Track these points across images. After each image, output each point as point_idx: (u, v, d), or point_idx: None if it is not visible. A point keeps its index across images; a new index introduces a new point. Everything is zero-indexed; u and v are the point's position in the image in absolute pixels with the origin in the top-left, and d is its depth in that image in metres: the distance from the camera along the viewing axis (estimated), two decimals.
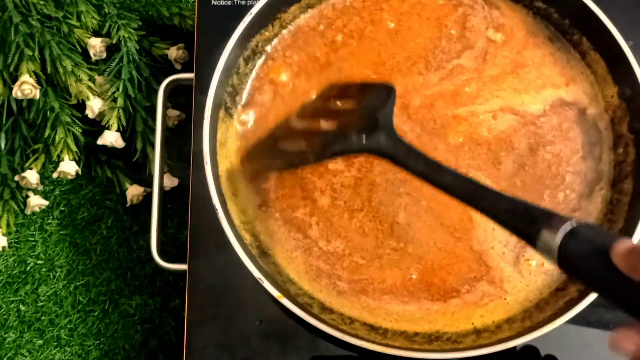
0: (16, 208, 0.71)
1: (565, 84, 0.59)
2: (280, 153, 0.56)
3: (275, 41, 0.60)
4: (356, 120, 0.51)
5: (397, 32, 0.60)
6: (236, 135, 0.58)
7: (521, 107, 0.58)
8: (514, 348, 0.50)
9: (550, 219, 0.37)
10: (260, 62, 0.60)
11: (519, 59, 0.59)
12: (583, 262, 0.36)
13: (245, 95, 0.59)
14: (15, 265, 0.72)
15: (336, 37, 0.60)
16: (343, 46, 0.60)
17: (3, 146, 0.70)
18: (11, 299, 0.71)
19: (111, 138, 0.67)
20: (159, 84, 0.62)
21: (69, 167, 0.68)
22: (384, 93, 0.53)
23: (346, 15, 0.60)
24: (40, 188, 0.73)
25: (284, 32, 0.60)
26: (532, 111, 0.58)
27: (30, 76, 0.65)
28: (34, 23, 0.67)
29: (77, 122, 0.69)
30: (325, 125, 0.54)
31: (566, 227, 0.36)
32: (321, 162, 0.56)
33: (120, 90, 0.68)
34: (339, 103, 0.56)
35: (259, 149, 0.57)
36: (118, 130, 0.68)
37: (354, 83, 0.58)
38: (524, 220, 0.39)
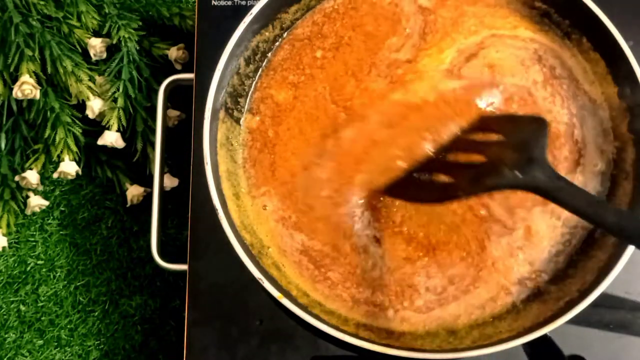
0: (16, 208, 0.71)
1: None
2: (426, 184, 0.53)
3: (278, 42, 0.60)
4: (507, 154, 0.48)
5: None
6: (241, 136, 0.58)
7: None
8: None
9: None
10: (261, 62, 0.60)
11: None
12: None
13: (248, 97, 0.59)
14: (15, 265, 0.72)
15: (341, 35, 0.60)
16: (344, 45, 0.60)
17: (3, 146, 0.70)
18: (11, 299, 0.71)
19: (111, 138, 0.67)
20: (159, 84, 0.62)
21: (69, 167, 0.68)
22: (534, 126, 0.50)
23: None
24: (40, 188, 0.73)
25: (285, 34, 0.60)
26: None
27: (30, 76, 0.65)
28: (34, 23, 0.67)
29: (77, 122, 0.69)
30: (474, 157, 0.51)
31: None
32: (469, 197, 0.54)
33: (120, 90, 0.68)
34: (485, 134, 0.53)
35: (405, 180, 0.55)
36: (118, 130, 0.68)
37: (503, 115, 0.56)
38: None
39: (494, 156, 0.50)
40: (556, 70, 0.59)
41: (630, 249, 0.51)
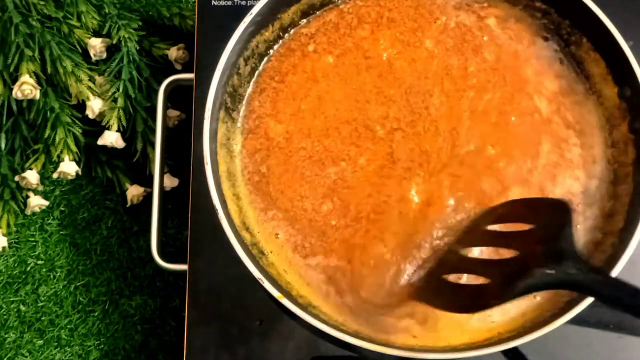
0: (16, 208, 0.71)
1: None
2: (455, 289, 0.50)
3: (280, 42, 0.60)
4: (535, 248, 0.45)
5: None
6: (240, 136, 0.58)
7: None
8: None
9: None
10: (261, 62, 0.60)
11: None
12: None
13: (246, 96, 0.59)
14: (15, 265, 0.72)
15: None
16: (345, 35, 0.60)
17: (3, 146, 0.70)
18: (11, 299, 0.71)
19: (111, 138, 0.67)
20: (159, 84, 0.62)
21: (69, 167, 0.68)
22: (558, 212, 0.47)
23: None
24: (40, 188, 0.73)
25: (285, 35, 0.60)
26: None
27: (30, 76, 0.65)
28: (34, 23, 0.67)
29: (77, 122, 0.69)
30: (502, 252, 0.48)
31: None
32: (502, 304, 0.48)
33: (120, 90, 0.68)
34: (510, 224, 0.50)
35: (430, 283, 0.51)
36: (118, 130, 0.68)
37: (525, 199, 0.53)
38: None
39: (522, 253, 0.46)
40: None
41: (631, 249, 0.51)
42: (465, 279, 0.51)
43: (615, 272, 0.50)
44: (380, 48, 0.59)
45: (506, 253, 0.47)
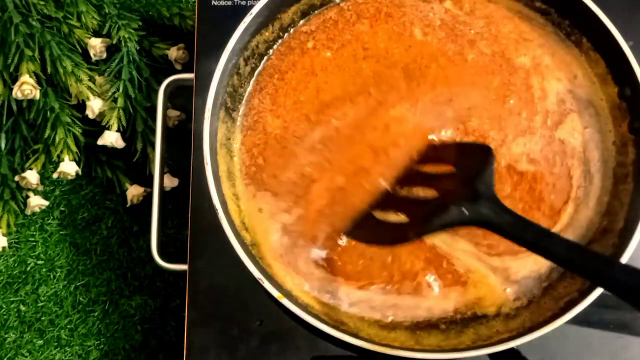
0: (16, 208, 0.71)
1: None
2: (380, 226, 0.53)
3: (279, 41, 0.60)
4: (455, 189, 0.49)
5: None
6: (240, 134, 0.58)
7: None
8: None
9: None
10: (261, 62, 0.60)
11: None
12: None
13: (246, 95, 0.59)
14: (15, 265, 0.72)
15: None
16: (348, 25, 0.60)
17: (3, 146, 0.71)
18: (11, 299, 0.71)
19: (111, 138, 0.67)
20: (159, 84, 0.62)
21: (68, 167, 0.68)
22: (481, 155, 0.50)
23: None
24: (40, 188, 0.73)
25: (285, 34, 0.60)
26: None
27: (30, 76, 0.65)
28: (34, 23, 0.67)
29: (77, 122, 0.69)
30: (422, 192, 0.52)
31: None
32: (422, 238, 0.53)
33: (120, 90, 0.68)
34: (435, 165, 0.54)
35: (361, 221, 0.55)
36: (118, 130, 0.68)
37: (451, 143, 0.56)
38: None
39: (444, 192, 0.50)
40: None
41: (631, 249, 0.51)
42: (390, 216, 0.53)
43: None
44: (379, 40, 0.60)
45: (429, 193, 0.51)
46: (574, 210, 0.56)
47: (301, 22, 0.61)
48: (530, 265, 0.55)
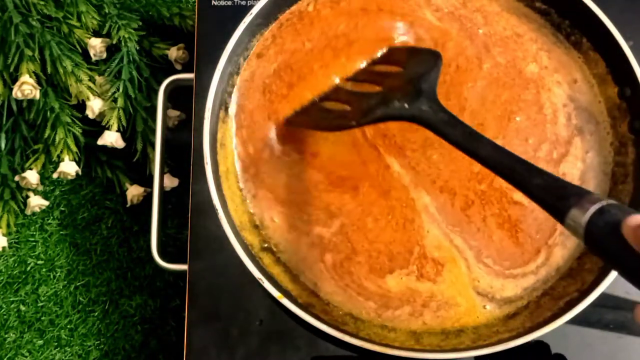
0: (16, 208, 0.71)
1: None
2: (324, 113, 0.55)
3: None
4: (400, 86, 0.51)
5: None
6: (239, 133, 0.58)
7: None
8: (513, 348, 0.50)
9: (581, 197, 0.37)
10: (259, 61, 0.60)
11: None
12: (604, 240, 0.35)
13: (242, 94, 0.59)
14: (15, 265, 0.72)
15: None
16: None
17: (3, 146, 0.71)
18: (11, 299, 0.71)
19: (111, 138, 0.67)
20: (159, 84, 0.62)
21: (68, 167, 0.68)
22: (430, 59, 0.52)
23: None
24: (40, 188, 0.73)
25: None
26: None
27: (30, 76, 0.65)
28: (34, 23, 0.67)
29: (77, 122, 0.69)
30: (369, 87, 0.54)
31: (595, 206, 0.36)
32: (361, 126, 0.56)
33: (120, 90, 0.68)
34: (385, 66, 0.56)
35: (305, 108, 0.57)
36: (118, 130, 0.68)
37: (404, 47, 0.58)
38: (556, 196, 0.39)
39: (389, 88, 0.52)
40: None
41: None
42: (332, 105, 0.55)
43: (615, 272, 0.50)
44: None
45: (376, 89, 0.54)
46: None
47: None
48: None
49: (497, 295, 0.55)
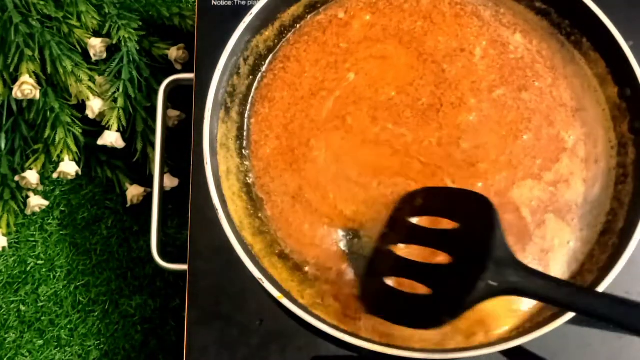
0: (16, 208, 0.71)
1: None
2: (399, 298, 0.49)
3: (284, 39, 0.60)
4: (468, 254, 0.45)
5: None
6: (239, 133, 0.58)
7: None
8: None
9: None
10: (261, 61, 0.60)
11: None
12: None
13: (250, 98, 0.59)
14: (15, 265, 0.72)
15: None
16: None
17: (3, 146, 0.71)
18: (11, 299, 0.71)
19: (111, 138, 0.67)
20: (159, 84, 0.62)
21: (68, 167, 0.68)
22: (480, 206, 0.47)
23: None
24: (40, 188, 0.73)
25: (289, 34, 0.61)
26: None
27: (30, 76, 0.65)
28: (34, 23, 0.67)
29: (77, 122, 0.69)
30: (433, 254, 0.48)
31: None
32: (453, 320, 0.46)
33: (120, 90, 0.68)
34: (435, 218, 0.50)
35: (372, 290, 0.51)
36: (118, 130, 0.68)
37: (440, 188, 0.52)
38: None
39: (456, 259, 0.46)
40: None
41: (631, 248, 0.51)
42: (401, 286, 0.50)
43: (615, 272, 0.50)
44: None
45: (439, 256, 0.48)
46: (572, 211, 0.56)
47: (302, 22, 0.61)
48: None
49: None
